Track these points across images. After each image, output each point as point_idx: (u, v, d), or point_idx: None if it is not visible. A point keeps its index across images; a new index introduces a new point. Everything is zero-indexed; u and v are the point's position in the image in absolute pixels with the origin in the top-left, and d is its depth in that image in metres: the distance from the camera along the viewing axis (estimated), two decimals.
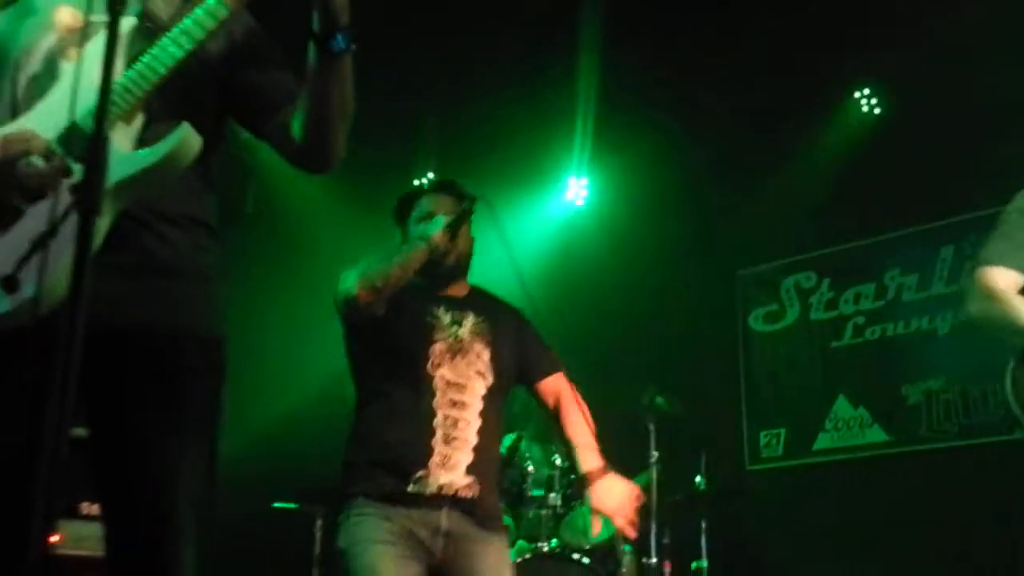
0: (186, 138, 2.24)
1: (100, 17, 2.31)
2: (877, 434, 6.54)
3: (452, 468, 3.42)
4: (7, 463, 2.18)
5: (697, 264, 7.29)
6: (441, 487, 3.37)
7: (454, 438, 3.47)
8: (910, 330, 6.55)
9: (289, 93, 2.46)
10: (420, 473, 3.37)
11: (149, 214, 2.29)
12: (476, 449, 3.47)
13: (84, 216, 1.67)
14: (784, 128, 6.89)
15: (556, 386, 3.77)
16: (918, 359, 6.44)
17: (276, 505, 5.82)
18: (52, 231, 2.14)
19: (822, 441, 6.73)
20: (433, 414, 3.46)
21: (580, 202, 7.86)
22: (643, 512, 3.91)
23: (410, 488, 3.36)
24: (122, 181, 2.14)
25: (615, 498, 3.56)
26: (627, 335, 7.18)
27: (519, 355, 3.73)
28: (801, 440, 6.82)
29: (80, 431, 2.33)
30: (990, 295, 3.39)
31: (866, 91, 6.72)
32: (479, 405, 3.54)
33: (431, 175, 7.76)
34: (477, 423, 3.51)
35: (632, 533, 3.64)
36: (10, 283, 2.15)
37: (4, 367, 2.23)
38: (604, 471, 3.61)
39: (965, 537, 5.45)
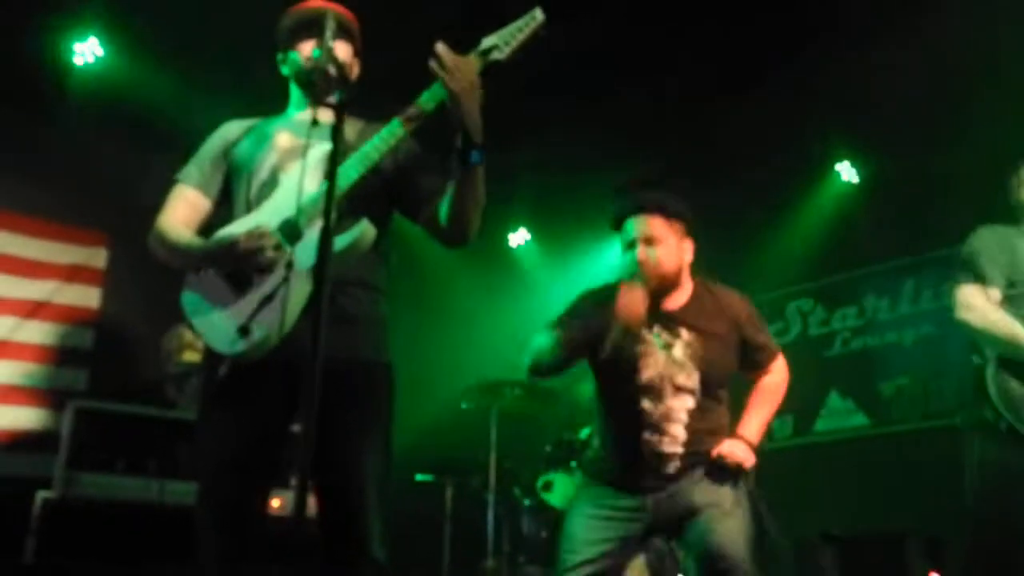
0: (365, 231, 2.38)
1: (307, 141, 2.52)
2: (861, 419, 6.49)
3: (662, 481, 2.95)
4: (246, 445, 2.34)
5: None
6: (656, 481, 2.94)
7: (663, 458, 2.95)
8: (884, 342, 6.50)
9: (439, 190, 2.53)
10: (637, 486, 2.95)
11: (342, 281, 2.39)
12: (683, 457, 2.95)
13: (318, 284, 1.82)
14: (787, 192, 6.89)
15: (766, 373, 3.17)
16: (890, 363, 6.39)
17: (418, 477, 5.92)
18: (272, 295, 2.35)
19: (820, 425, 6.68)
20: (643, 447, 2.94)
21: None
22: None
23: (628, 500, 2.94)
24: None
25: (730, 449, 2.96)
26: None
27: (733, 362, 3.08)
28: (804, 424, 6.77)
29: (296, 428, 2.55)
30: (977, 306, 3.32)
31: (846, 163, 6.69)
32: (685, 419, 2.96)
33: (525, 232, 7.90)
34: (683, 436, 2.94)
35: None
36: (245, 330, 2.30)
37: (244, 386, 2.35)
38: (737, 436, 3.01)
39: (927, 496, 5.41)
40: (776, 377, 3.20)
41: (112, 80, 5.40)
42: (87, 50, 5.32)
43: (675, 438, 2.96)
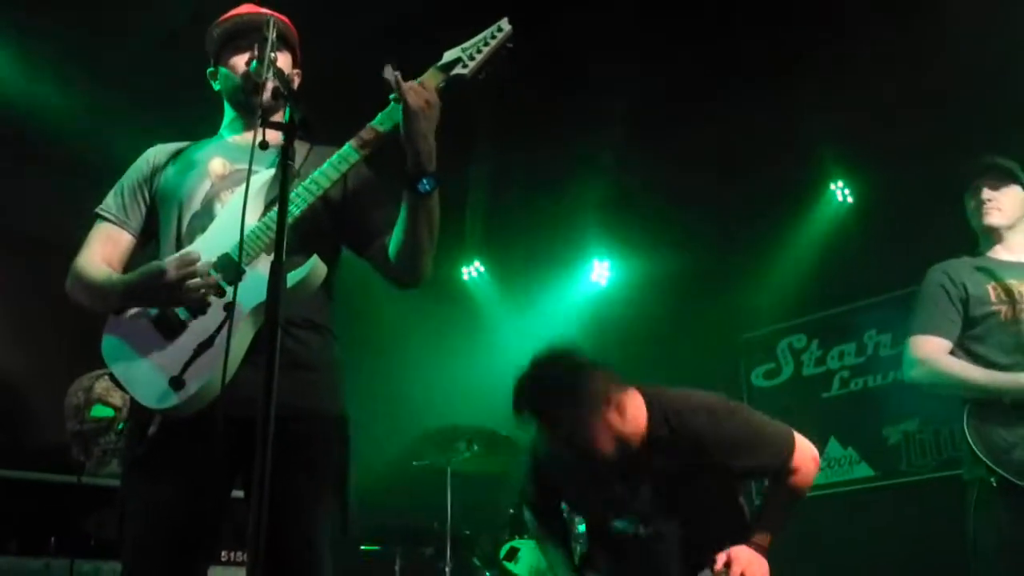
0: (315, 268, 2.40)
1: (244, 165, 2.53)
2: (864, 470, 6.56)
3: None
4: (181, 515, 2.32)
5: (705, 330, 7.35)
6: None
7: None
8: (887, 381, 6.58)
9: (389, 223, 2.57)
10: None
11: (288, 322, 2.38)
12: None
13: (271, 328, 1.82)
14: (776, 216, 6.99)
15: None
16: (896, 405, 6.44)
17: (363, 547, 5.88)
18: (209, 341, 2.35)
19: (817, 478, 6.69)
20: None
21: (604, 282, 7.93)
22: None
23: None
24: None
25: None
26: None
27: (734, 495, 3.12)
28: None
29: (238, 493, 2.54)
30: (925, 359, 3.53)
31: (840, 183, 6.82)
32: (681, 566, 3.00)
33: (478, 265, 7.96)
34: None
35: None
36: (177, 382, 2.30)
37: (178, 446, 2.34)
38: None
39: (943, 556, 5.49)
40: (800, 475, 3.08)
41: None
42: None
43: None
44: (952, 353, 3.57)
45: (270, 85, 2.44)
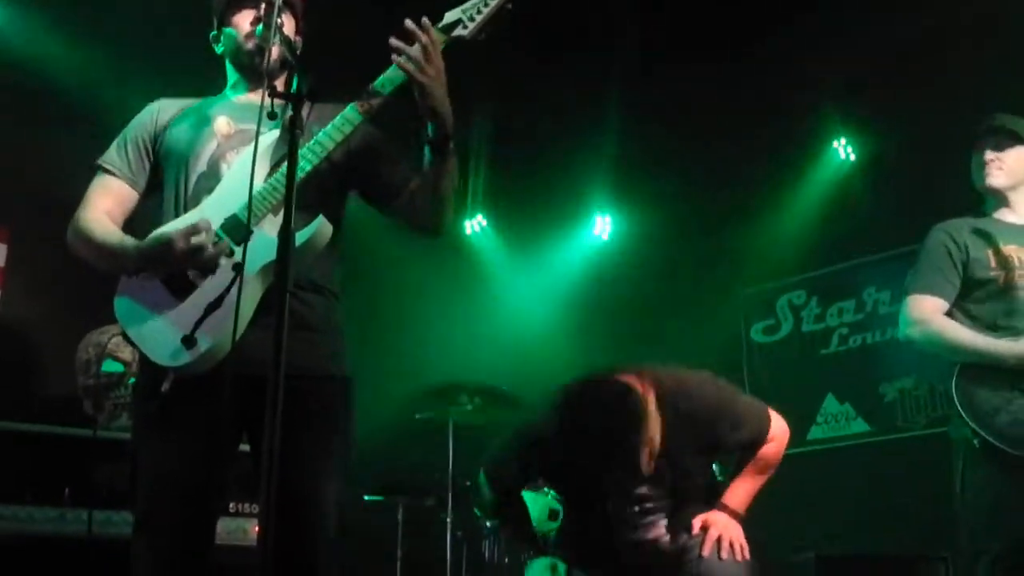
0: (321, 228, 2.46)
1: (250, 126, 2.54)
2: (860, 425, 6.62)
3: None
4: (192, 469, 2.40)
5: (706, 286, 7.37)
6: None
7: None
8: (885, 338, 6.60)
9: (406, 179, 2.65)
10: None
11: (294, 284, 2.30)
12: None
13: (281, 293, 1.89)
14: (778, 173, 6.98)
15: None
16: (892, 362, 6.48)
17: (367, 498, 5.95)
18: (219, 301, 2.41)
19: (815, 432, 6.81)
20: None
21: (605, 236, 7.94)
22: None
23: None
24: (272, 261, 2.24)
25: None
26: (648, 347, 7.20)
27: (710, 466, 3.35)
28: (797, 432, 6.74)
29: (244, 447, 2.63)
30: (921, 319, 3.58)
31: (843, 141, 6.80)
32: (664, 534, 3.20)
33: (481, 219, 8.01)
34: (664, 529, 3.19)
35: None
36: (189, 341, 2.36)
37: (188, 403, 2.40)
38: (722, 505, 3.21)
39: (937, 511, 5.56)
40: (774, 446, 3.29)
41: (5, 49, 5.36)
42: None
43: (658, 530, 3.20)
44: (948, 314, 3.61)
45: (276, 50, 2.48)
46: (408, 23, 2.47)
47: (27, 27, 5.34)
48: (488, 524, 5.80)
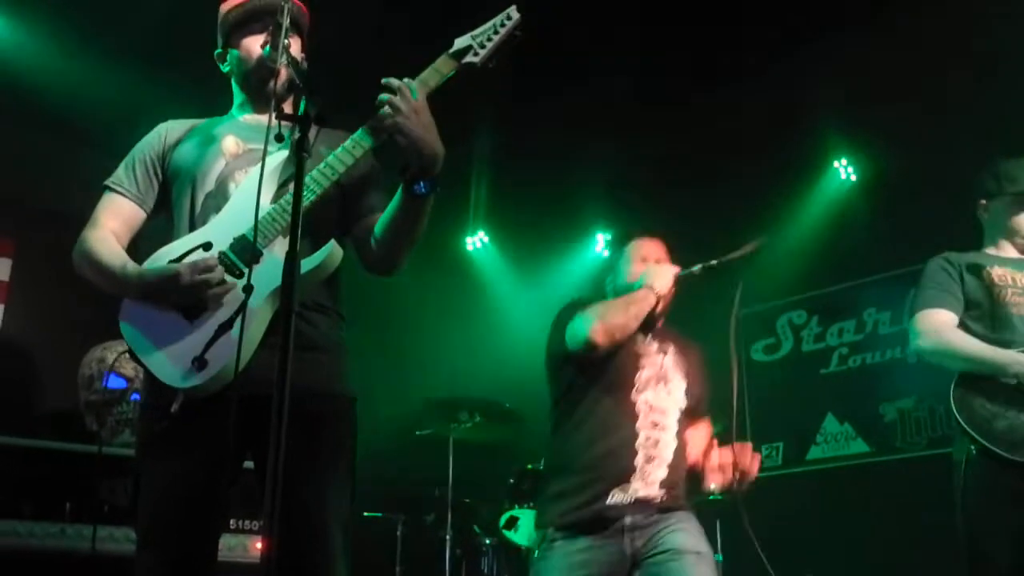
0: (332, 252, 2.46)
1: (257, 145, 2.56)
2: (860, 446, 6.64)
3: (651, 484, 3.32)
4: (196, 487, 2.40)
5: (708, 305, 7.37)
6: (637, 499, 3.28)
7: (653, 457, 3.37)
8: (885, 359, 6.65)
9: (376, 206, 2.63)
10: (620, 486, 3.29)
11: (301, 306, 2.37)
12: (671, 466, 3.38)
13: (286, 316, 1.90)
14: (779, 192, 7.01)
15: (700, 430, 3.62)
16: (892, 382, 6.52)
17: (366, 514, 5.94)
18: (229, 323, 2.40)
19: (814, 452, 6.82)
20: (636, 435, 3.37)
21: (606, 253, 7.84)
22: None
23: (609, 501, 3.27)
24: None
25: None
26: None
27: (701, 392, 3.65)
28: (797, 452, 6.90)
29: (248, 464, 2.63)
30: (933, 330, 3.64)
31: (844, 161, 6.84)
32: (675, 427, 3.45)
33: (482, 235, 8.01)
34: (673, 443, 3.42)
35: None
36: (200, 363, 2.36)
37: (194, 421, 2.39)
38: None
39: (935, 532, 5.56)
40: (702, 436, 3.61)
41: (12, 64, 5.39)
42: None
43: (663, 460, 3.38)
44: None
45: (284, 72, 2.50)
46: (384, 83, 2.46)
47: (35, 45, 5.36)
48: (488, 541, 5.81)
